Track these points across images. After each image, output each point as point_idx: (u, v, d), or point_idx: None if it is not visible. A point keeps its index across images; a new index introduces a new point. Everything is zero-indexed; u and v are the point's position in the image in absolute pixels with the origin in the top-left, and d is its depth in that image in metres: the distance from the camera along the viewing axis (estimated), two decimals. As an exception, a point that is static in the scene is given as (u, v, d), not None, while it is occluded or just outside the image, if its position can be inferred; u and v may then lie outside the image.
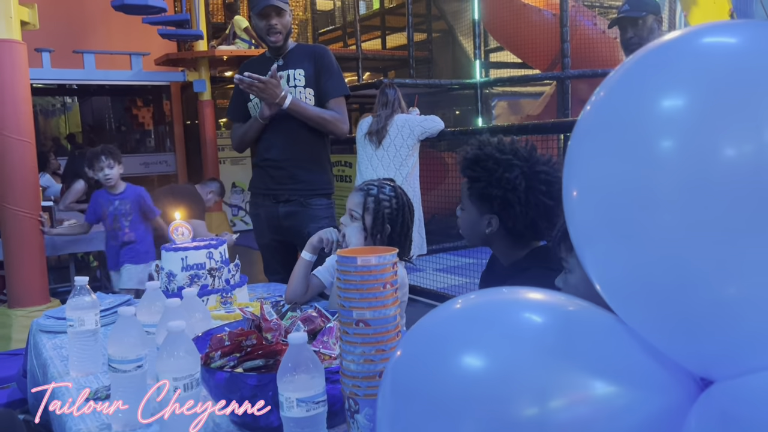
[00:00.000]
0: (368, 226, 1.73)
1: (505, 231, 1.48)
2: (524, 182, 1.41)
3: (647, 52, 0.62)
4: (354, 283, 0.91)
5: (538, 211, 1.42)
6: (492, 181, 1.44)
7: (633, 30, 2.69)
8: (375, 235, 1.73)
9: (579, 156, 0.63)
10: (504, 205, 1.44)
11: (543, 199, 1.40)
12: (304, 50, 2.49)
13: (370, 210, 1.73)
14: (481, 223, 1.50)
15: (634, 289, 0.62)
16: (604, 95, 0.63)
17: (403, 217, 1.75)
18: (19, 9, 3.34)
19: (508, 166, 1.42)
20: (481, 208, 1.50)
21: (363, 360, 0.91)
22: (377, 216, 1.72)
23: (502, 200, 1.44)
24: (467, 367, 0.68)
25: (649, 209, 0.57)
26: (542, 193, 1.41)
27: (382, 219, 1.72)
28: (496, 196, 1.44)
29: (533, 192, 1.41)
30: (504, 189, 1.42)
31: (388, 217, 1.73)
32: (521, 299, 0.77)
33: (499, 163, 1.44)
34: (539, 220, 1.43)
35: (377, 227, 1.72)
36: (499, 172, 1.43)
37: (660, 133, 0.57)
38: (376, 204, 1.73)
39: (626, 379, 0.64)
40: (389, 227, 1.73)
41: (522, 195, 1.41)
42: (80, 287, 1.41)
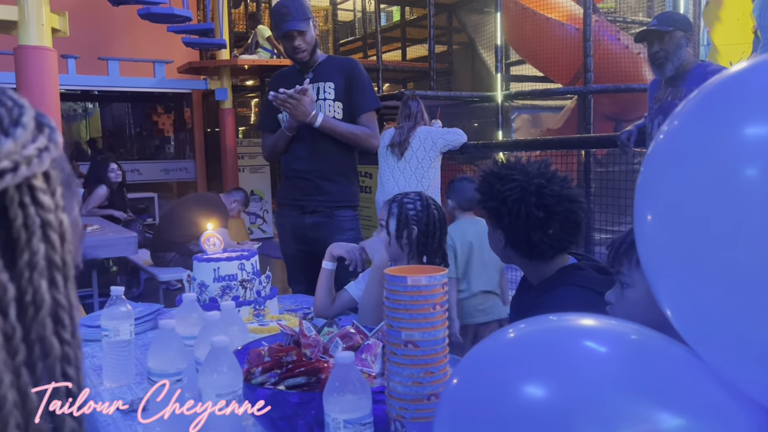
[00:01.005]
0: (392, 231, 1.75)
1: (511, 246, 1.49)
2: (516, 194, 1.42)
3: (730, 76, 0.60)
4: (403, 303, 0.90)
5: (528, 223, 1.43)
6: (491, 194, 1.47)
7: (659, 44, 2.68)
8: (400, 239, 1.74)
9: (656, 179, 0.61)
10: (498, 217, 1.47)
11: (533, 210, 1.41)
12: (334, 63, 2.50)
13: (394, 214, 1.76)
14: (497, 238, 1.52)
15: (710, 322, 0.60)
16: (683, 118, 0.61)
17: (428, 218, 1.76)
18: (51, 16, 3.39)
19: (507, 180, 1.45)
20: (491, 224, 1.53)
21: (411, 382, 0.89)
22: (400, 218, 1.74)
23: (496, 212, 1.46)
24: (531, 396, 0.67)
25: (733, 240, 0.55)
26: (532, 204, 1.41)
27: (405, 220, 1.74)
28: (492, 208, 1.47)
29: (524, 203, 1.42)
30: (497, 201, 1.45)
31: (413, 219, 1.74)
32: (579, 326, 0.76)
33: (499, 178, 1.47)
34: (532, 233, 1.44)
35: (400, 230, 1.74)
36: (496, 186, 1.46)
37: (745, 162, 0.55)
38: (400, 207, 1.76)
39: (698, 412, 0.62)
40: (415, 228, 1.74)
41: (512, 206, 1.42)
42: (116, 297, 1.41)
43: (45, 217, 0.40)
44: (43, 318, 0.39)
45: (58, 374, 0.40)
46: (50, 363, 0.40)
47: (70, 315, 0.41)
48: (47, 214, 0.40)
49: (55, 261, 0.41)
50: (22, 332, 0.38)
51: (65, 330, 0.41)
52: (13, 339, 0.38)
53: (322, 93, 2.41)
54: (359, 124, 2.45)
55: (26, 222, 0.39)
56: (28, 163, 0.39)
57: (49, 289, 0.40)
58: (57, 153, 0.42)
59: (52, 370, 0.40)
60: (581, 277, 1.48)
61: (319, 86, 2.42)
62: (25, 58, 3.27)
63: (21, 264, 0.39)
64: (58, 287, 0.41)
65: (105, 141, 10.22)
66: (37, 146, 0.40)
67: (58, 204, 0.41)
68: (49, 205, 0.40)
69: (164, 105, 9.67)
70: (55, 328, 0.40)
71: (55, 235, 0.41)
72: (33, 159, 0.40)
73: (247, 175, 7.76)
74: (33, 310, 0.39)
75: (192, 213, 4.03)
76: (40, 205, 0.40)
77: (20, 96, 0.44)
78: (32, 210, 0.39)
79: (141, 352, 1.58)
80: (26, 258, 0.39)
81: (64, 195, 0.43)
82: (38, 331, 0.39)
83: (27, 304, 0.39)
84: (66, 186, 0.44)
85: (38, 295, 0.39)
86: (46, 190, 0.41)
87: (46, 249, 0.40)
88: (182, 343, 1.12)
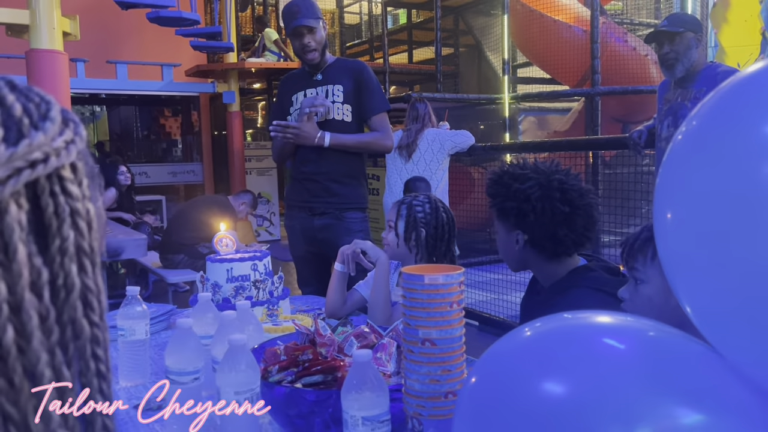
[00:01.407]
0: (401, 233, 1.75)
1: (532, 246, 1.49)
2: (538, 191, 1.42)
3: (749, 75, 0.61)
4: (420, 302, 0.90)
5: (554, 219, 1.43)
6: (509, 194, 1.47)
7: (669, 45, 2.68)
8: (409, 241, 1.75)
9: (675, 177, 0.62)
10: (521, 216, 1.46)
11: (558, 206, 1.41)
12: (343, 66, 2.51)
13: (402, 216, 1.77)
14: (511, 241, 1.51)
15: (731, 319, 0.60)
16: (702, 118, 0.62)
17: (437, 221, 1.77)
18: (62, 20, 3.42)
19: (523, 179, 1.45)
20: (507, 226, 1.52)
21: (429, 380, 0.90)
22: (409, 220, 1.75)
23: (518, 211, 1.46)
24: (548, 393, 0.67)
25: (752, 238, 0.56)
26: (557, 200, 1.42)
27: (414, 222, 1.75)
28: (513, 208, 1.46)
29: (548, 200, 1.42)
30: (518, 200, 1.45)
31: (422, 221, 1.75)
32: (597, 323, 0.76)
33: (516, 178, 1.47)
34: (558, 229, 1.44)
35: (409, 232, 1.75)
36: (514, 186, 1.46)
37: (765, 159, 0.56)
38: (409, 209, 1.77)
39: (719, 409, 0.63)
40: (423, 230, 1.74)
41: (537, 204, 1.42)
42: (131, 297, 1.42)
43: (73, 205, 0.42)
44: (74, 301, 0.41)
45: (89, 355, 0.42)
46: (81, 344, 0.42)
47: (98, 299, 0.43)
48: (75, 203, 0.42)
49: (84, 247, 0.42)
50: (56, 314, 0.40)
51: (94, 313, 0.43)
52: (48, 320, 0.40)
53: (331, 95, 2.42)
54: (370, 126, 2.47)
55: (57, 210, 0.41)
56: (57, 155, 0.41)
57: (78, 274, 0.42)
58: (82, 145, 0.44)
59: (83, 351, 0.42)
60: (593, 279, 1.49)
61: (328, 88, 2.43)
62: (36, 61, 3.30)
63: (53, 250, 0.41)
64: (87, 272, 0.42)
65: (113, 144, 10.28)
66: (65, 139, 0.42)
67: (85, 194, 0.43)
68: (77, 195, 0.42)
69: (172, 108, 9.72)
70: (85, 311, 0.42)
71: (83, 223, 0.42)
72: (61, 151, 0.42)
73: (254, 178, 7.79)
74: (64, 294, 0.41)
75: (201, 215, 4.06)
76: (69, 195, 0.42)
77: (46, 93, 0.46)
78: (62, 199, 0.41)
79: (155, 352, 1.59)
80: (57, 244, 0.41)
81: (90, 186, 0.45)
82: (70, 314, 0.41)
83: (59, 287, 0.41)
84: (90, 177, 0.46)
85: (69, 279, 0.41)
86: (74, 180, 0.43)
87: (75, 236, 0.42)
88: (199, 342, 1.13)
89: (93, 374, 0.43)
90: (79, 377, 0.42)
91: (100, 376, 0.43)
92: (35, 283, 0.40)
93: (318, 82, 2.45)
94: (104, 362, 0.43)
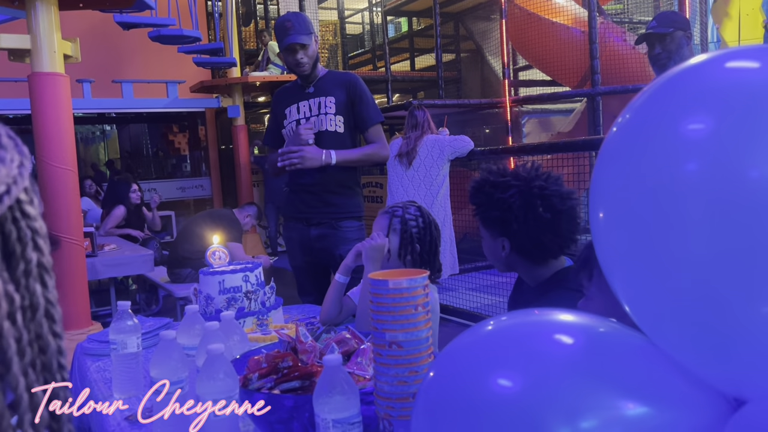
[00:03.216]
0: (394, 248, 1.74)
1: (517, 252, 1.51)
2: (519, 200, 1.43)
3: (672, 76, 0.63)
4: (386, 306, 0.93)
5: (538, 226, 1.44)
6: (491, 204, 1.48)
7: (660, 46, 2.69)
8: (404, 256, 1.74)
9: (605, 177, 0.64)
10: (505, 225, 1.48)
11: (541, 213, 1.42)
12: (335, 78, 2.56)
13: (397, 231, 1.75)
14: (496, 248, 1.53)
15: (663, 310, 0.62)
16: (629, 118, 0.64)
17: (430, 236, 1.77)
18: (62, 43, 3.49)
19: (504, 187, 1.46)
20: (492, 233, 1.54)
21: (397, 381, 0.92)
22: (405, 236, 1.74)
23: (501, 221, 1.47)
24: (499, 388, 0.69)
25: (677, 232, 0.58)
26: (539, 207, 1.43)
27: (410, 239, 1.74)
28: (496, 217, 1.48)
29: (530, 208, 1.43)
30: (501, 209, 1.46)
31: (417, 237, 1.75)
32: (553, 321, 0.78)
33: (496, 186, 1.48)
34: (542, 235, 1.45)
35: (405, 247, 1.74)
36: (496, 195, 1.47)
37: (685, 156, 0.58)
38: (403, 224, 1.75)
39: (658, 400, 0.65)
40: (419, 246, 1.75)
41: (519, 212, 1.44)
42: (123, 311, 1.46)
43: (32, 226, 0.44)
44: (40, 319, 0.43)
45: (55, 368, 0.44)
46: (48, 358, 0.44)
47: (56, 309, 0.45)
48: (34, 223, 0.44)
49: (44, 263, 0.44)
50: (28, 336, 0.42)
51: (56, 324, 0.45)
52: (21, 342, 0.42)
53: (324, 107, 2.46)
54: (367, 138, 2.52)
55: (20, 235, 0.43)
56: (15, 182, 0.43)
57: (42, 293, 0.44)
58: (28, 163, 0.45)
59: (49, 365, 0.44)
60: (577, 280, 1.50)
61: (321, 101, 2.47)
62: (38, 84, 3.37)
63: (18, 273, 0.42)
64: (47, 287, 0.44)
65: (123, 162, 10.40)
66: (16, 164, 0.44)
67: (38, 210, 0.45)
68: (34, 214, 0.44)
69: (179, 124, 9.83)
70: (50, 326, 0.44)
71: (41, 241, 0.44)
72: (17, 178, 0.43)
73: (261, 190, 7.85)
74: (31, 313, 0.43)
75: (205, 229, 4.10)
76: (28, 216, 0.43)
77: None
78: (23, 223, 0.43)
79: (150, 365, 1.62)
80: (22, 267, 0.43)
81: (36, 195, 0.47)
82: (37, 331, 0.43)
83: (25, 308, 0.42)
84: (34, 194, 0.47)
85: (35, 299, 0.43)
86: (30, 201, 0.44)
87: (37, 256, 0.43)
88: (183, 353, 1.16)
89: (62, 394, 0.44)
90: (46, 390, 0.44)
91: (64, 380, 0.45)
92: (10, 311, 0.41)
93: (310, 95, 2.49)
94: (67, 371, 0.46)
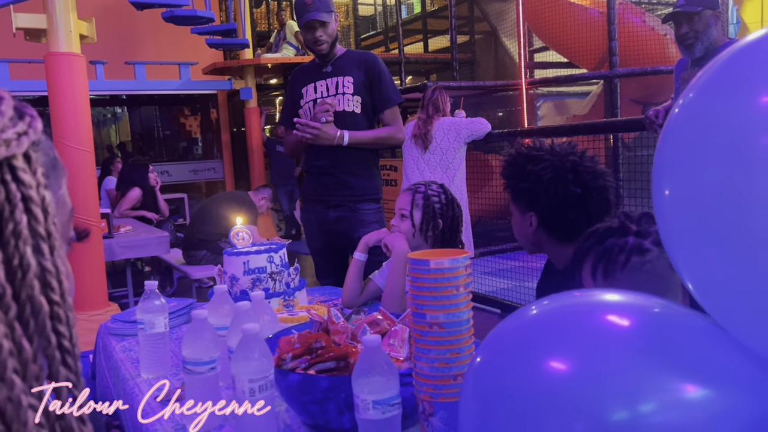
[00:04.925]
0: (417, 223, 1.75)
1: (544, 228, 1.48)
2: (551, 172, 1.41)
3: (741, 48, 0.60)
4: (427, 286, 0.91)
5: (566, 201, 1.42)
6: (522, 176, 1.46)
7: (688, 25, 2.63)
8: (426, 231, 1.75)
9: (671, 154, 0.62)
10: (533, 197, 1.45)
11: (570, 187, 1.40)
12: (353, 57, 2.52)
13: (419, 206, 1.77)
14: (525, 223, 1.51)
15: (731, 291, 0.60)
16: (697, 91, 0.61)
17: (453, 212, 1.77)
18: (78, 23, 3.47)
19: (537, 160, 1.44)
20: (520, 208, 1.51)
21: (437, 363, 0.91)
22: (427, 211, 1.75)
23: (530, 193, 1.45)
24: (553, 370, 0.67)
25: (749, 210, 0.55)
26: (569, 181, 1.40)
27: (432, 213, 1.75)
28: (525, 189, 1.45)
29: (560, 181, 1.41)
30: (531, 181, 1.44)
31: (439, 212, 1.75)
32: (602, 301, 0.76)
33: (530, 159, 1.46)
34: (570, 210, 1.43)
35: (427, 222, 1.74)
36: (528, 167, 1.44)
37: (758, 130, 0.55)
38: (426, 200, 1.76)
39: (722, 384, 0.63)
40: (441, 222, 1.75)
41: (549, 185, 1.41)
42: (150, 291, 1.45)
43: (26, 192, 0.45)
44: (30, 280, 0.44)
45: (49, 330, 0.45)
46: (41, 320, 0.45)
47: (58, 279, 0.46)
48: (28, 190, 0.45)
49: (39, 231, 0.45)
50: (12, 292, 0.43)
51: (54, 292, 0.46)
52: (4, 297, 0.43)
53: (341, 87, 2.43)
54: (383, 120, 2.49)
55: (8, 196, 0.44)
56: (7, 145, 0.44)
57: (34, 255, 0.45)
58: (36, 137, 0.47)
59: (43, 327, 0.45)
60: None
61: (339, 80, 2.44)
62: (55, 64, 3.35)
63: (6, 233, 0.44)
64: (44, 254, 0.45)
65: (135, 144, 10.40)
66: (17, 131, 0.46)
67: (40, 182, 0.46)
68: (30, 183, 0.45)
69: (191, 106, 9.81)
70: (43, 290, 0.45)
71: (37, 209, 0.45)
72: (12, 142, 0.45)
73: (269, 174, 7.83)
74: (21, 274, 0.44)
75: (222, 211, 4.10)
76: (21, 182, 0.45)
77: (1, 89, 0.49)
78: (13, 186, 0.44)
79: (176, 345, 1.62)
80: (11, 227, 0.44)
81: (49, 175, 0.48)
82: (27, 292, 0.44)
83: (15, 268, 0.44)
84: (51, 167, 0.49)
85: (24, 260, 0.44)
86: (27, 169, 0.46)
87: (29, 220, 0.45)
88: (215, 333, 1.15)
89: (54, 348, 0.46)
90: (43, 351, 0.45)
91: (62, 350, 0.46)
92: None
93: (328, 74, 2.46)
94: (68, 338, 0.46)
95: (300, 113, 2.51)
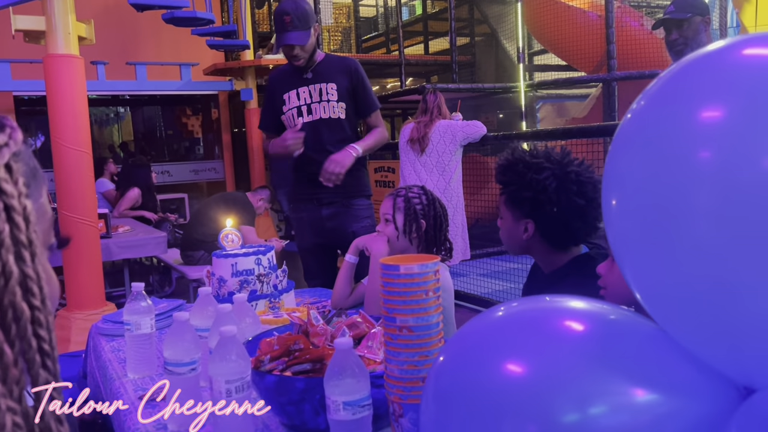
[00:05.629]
0: (400, 226, 1.77)
1: (541, 235, 1.49)
2: (555, 183, 1.42)
3: (688, 63, 0.63)
4: (397, 291, 0.93)
5: (570, 212, 1.43)
6: (523, 184, 1.46)
7: (678, 31, 2.65)
8: (410, 233, 1.76)
9: (618, 165, 0.64)
10: (536, 206, 1.46)
11: (575, 199, 1.41)
12: (334, 63, 2.52)
13: (401, 209, 1.78)
14: (518, 229, 1.51)
15: (673, 298, 0.62)
16: (644, 105, 0.64)
17: (435, 212, 1.79)
18: (77, 25, 3.50)
19: (538, 168, 1.45)
20: (515, 214, 1.51)
21: (407, 365, 0.93)
22: (408, 213, 1.76)
23: (533, 202, 1.45)
24: (509, 374, 0.70)
25: (689, 220, 0.58)
26: (574, 193, 1.41)
27: (414, 215, 1.76)
28: (528, 198, 1.46)
29: (564, 192, 1.42)
30: (534, 190, 1.44)
31: (421, 213, 1.77)
32: (563, 307, 0.78)
33: (530, 167, 1.46)
34: (572, 221, 1.44)
35: (409, 224, 1.76)
36: (529, 175, 1.45)
37: (697, 144, 0.58)
38: (406, 202, 1.78)
39: (667, 387, 0.65)
40: (423, 222, 1.76)
41: (553, 195, 1.42)
42: (137, 293, 1.48)
43: (8, 202, 0.47)
44: (12, 287, 0.46)
45: (30, 334, 0.47)
46: (22, 325, 0.46)
47: (39, 285, 0.48)
48: (10, 200, 0.47)
49: (21, 239, 0.47)
50: None
51: (35, 297, 0.47)
52: None
53: (325, 94, 2.44)
54: (369, 123, 2.56)
55: None
56: None
57: (16, 263, 0.46)
58: (17, 148, 0.49)
59: (24, 331, 0.47)
60: (591, 268, 1.50)
61: (322, 87, 2.44)
62: (53, 66, 3.38)
63: None
64: (25, 261, 0.47)
65: (137, 144, 10.44)
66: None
67: (21, 191, 0.48)
68: (12, 192, 0.47)
69: (192, 107, 9.84)
70: (24, 296, 0.47)
71: (19, 218, 0.47)
72: None
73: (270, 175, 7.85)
74: (3, 281, 0.46)
75: (219, 212, 4.12)
76: (3, 192, 0.47)
77: None
78: None
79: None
80: None
81: (29, 184, 0.50)
82: (9, 298, 0.46)
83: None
84: (31, 177, 0.51)
85: (6, 268, 0.46)
86: (9, 179, 0.47)
87: (11, 228, 0.46)
88: (195, 334, 1.17)
89: (35, 351, 0.47)
90: (23, 355, 0.47)
91: (42, 353, 0.48)
92: None
93: (308, 81, 2.46)
94: (47, 341, 0.48)
95: (282, 119, 2.51)
